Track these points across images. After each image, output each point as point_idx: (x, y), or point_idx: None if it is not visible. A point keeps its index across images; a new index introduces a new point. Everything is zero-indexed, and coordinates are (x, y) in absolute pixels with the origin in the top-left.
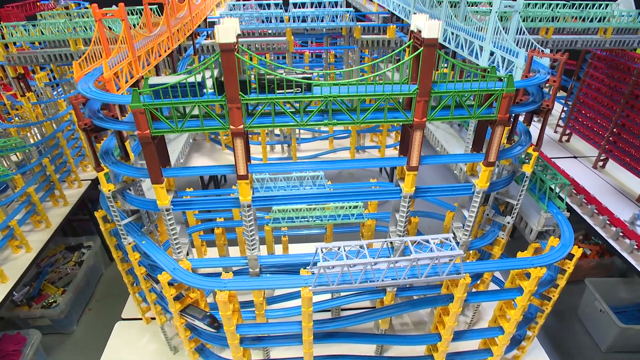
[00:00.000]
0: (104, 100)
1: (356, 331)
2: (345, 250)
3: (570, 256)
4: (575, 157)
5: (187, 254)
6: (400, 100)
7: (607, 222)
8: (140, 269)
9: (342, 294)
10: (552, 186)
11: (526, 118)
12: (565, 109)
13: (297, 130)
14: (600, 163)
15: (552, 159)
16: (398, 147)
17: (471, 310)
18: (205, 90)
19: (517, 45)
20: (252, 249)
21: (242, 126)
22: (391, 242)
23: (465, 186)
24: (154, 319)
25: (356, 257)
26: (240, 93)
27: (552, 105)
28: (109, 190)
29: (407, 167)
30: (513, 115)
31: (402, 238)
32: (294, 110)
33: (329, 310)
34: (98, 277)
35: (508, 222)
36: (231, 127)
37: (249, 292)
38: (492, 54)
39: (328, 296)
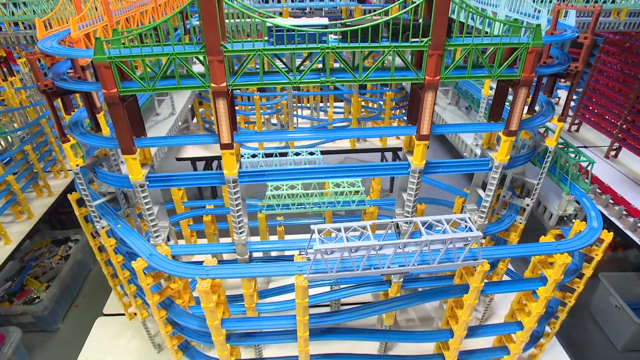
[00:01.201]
0: (62, 54)
1: (357, 327)
2: (345, 232)
3: (597, 242)
4: (585, 147)
5: (169, 240)
6: (410, 57)
7: (624, 212)
8: (117, 257)
9: (342, 286)
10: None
11: (547, 89)
12: (574, 97)
13: (295, 119)
14: (613, 152)
15: None
16: (400, 135)
17: (483, 304)
18: (329, 37)
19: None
20: (240, 233)
21: (224, 84)
22: (397, 225)
23: (482, 161)
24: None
25: (358, 241)
26: (222, 44)
27: (581, 67)
28: (77, 166)
29: (416, 136)
30: (535, 79)
31: (410, 218)
32: (287, 69)
33: (328, 305)
34: (86, 273)
35: (527, 205)
36: (212, 85)
37: (240, 285)
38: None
39: (326, 289)
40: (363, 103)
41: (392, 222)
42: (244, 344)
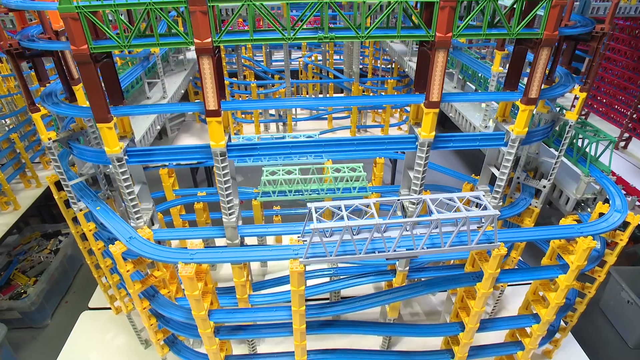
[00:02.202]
0: (25, 7)
1: (359, 320)
2: (345, 210)
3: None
4: None
5: (152, 224)
6: (419, 10)
7: (637, 203)
8: (98, 244)
9: (342, 276)
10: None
11: (565, 60)
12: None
13: (293, 110)
14: (622, 143)
15: None
16: (402, 126)
17: (492, 297)
18: None
19: None
20: (230, 214)
21: (209, 39)
22: (403, 206)
23: (497, 134)
24: None
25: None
26: None
27: (607, 28)
28: (49, 139)
29: (425, 104)
30: (556, 43)
31: (419, 196)
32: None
33: (327, 299)
34: (77, 268)
35: (544, 187)
36: (196, 40)
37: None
38: None
39: (326, 280)
40: (364, 92)
41: (398, 200)
42: (235, 337)
